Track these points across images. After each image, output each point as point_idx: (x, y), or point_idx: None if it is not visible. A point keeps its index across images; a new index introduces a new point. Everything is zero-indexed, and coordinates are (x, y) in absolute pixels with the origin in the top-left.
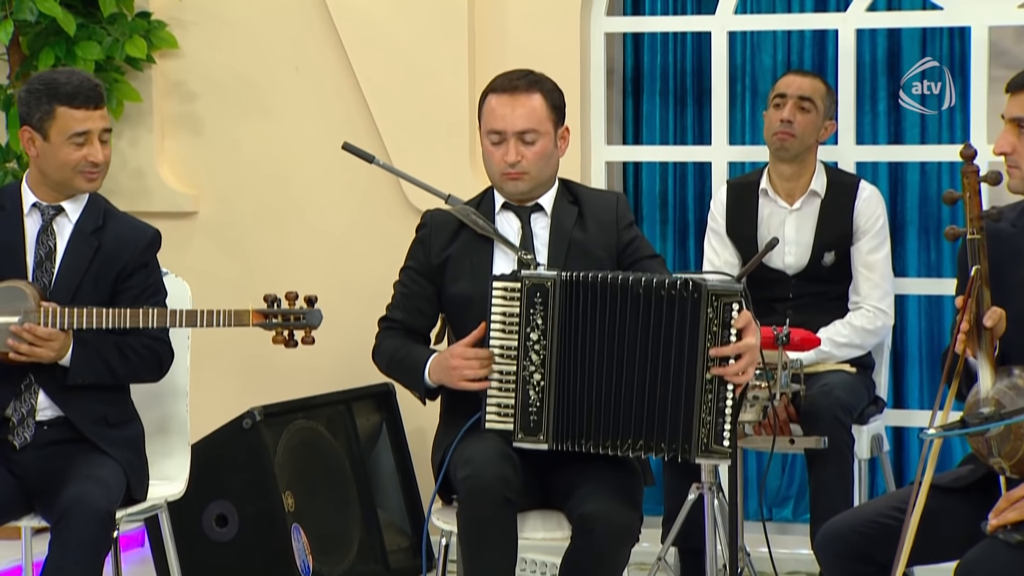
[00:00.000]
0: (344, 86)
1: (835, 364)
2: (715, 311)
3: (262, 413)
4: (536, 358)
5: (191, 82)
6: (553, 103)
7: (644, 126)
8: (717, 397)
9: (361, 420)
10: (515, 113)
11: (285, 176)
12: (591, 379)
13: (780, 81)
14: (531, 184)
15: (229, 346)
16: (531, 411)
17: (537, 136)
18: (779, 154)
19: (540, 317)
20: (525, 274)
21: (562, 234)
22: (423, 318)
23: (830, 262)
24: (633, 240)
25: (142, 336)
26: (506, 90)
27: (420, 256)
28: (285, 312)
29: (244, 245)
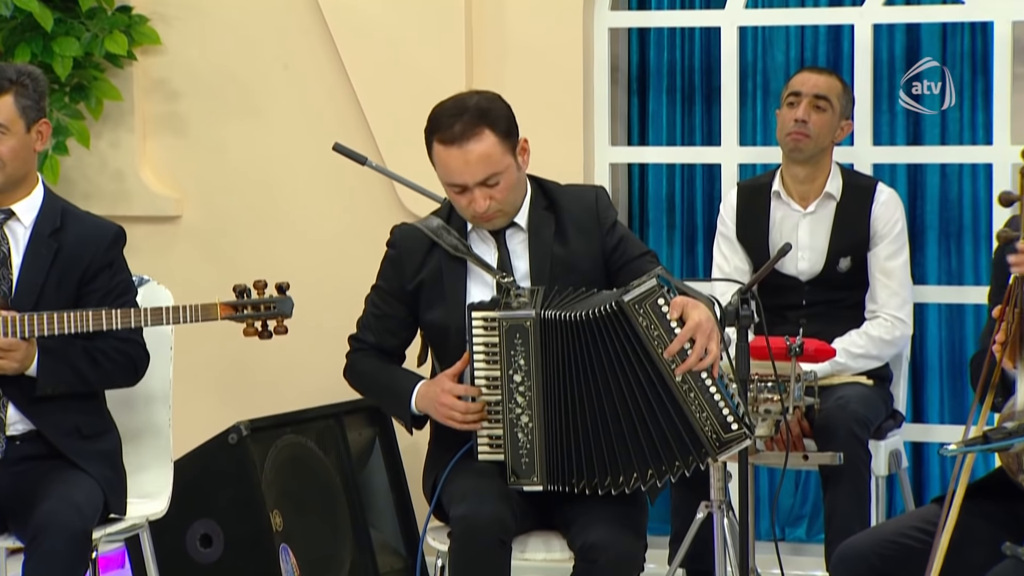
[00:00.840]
0: (335, 84)
1: (851, 376)
2: (647, 317)
3: (248, 427)
4: (522, 400)
5: (174, 80)
6: (504, 131)
7: (650, 126)
8: (699, 391)
9: (353, 435)
10: (470, 164)
11: (273, 179)
12: (577, 417)
13: (794, 78)
14: (507, 217)
15: (213, 356)
16: (522, 453)
17: (499, 176)
18: (793, 155)
19: (522, 358)
20: (501, 316)
21: (543, 251)
22: (396, 340)
23: (846, 268)
24: (619, 242)
25: (112, 339)
26: (452, 140)
27: (392, 278)
28: (255, 302)
29: (230, 251)
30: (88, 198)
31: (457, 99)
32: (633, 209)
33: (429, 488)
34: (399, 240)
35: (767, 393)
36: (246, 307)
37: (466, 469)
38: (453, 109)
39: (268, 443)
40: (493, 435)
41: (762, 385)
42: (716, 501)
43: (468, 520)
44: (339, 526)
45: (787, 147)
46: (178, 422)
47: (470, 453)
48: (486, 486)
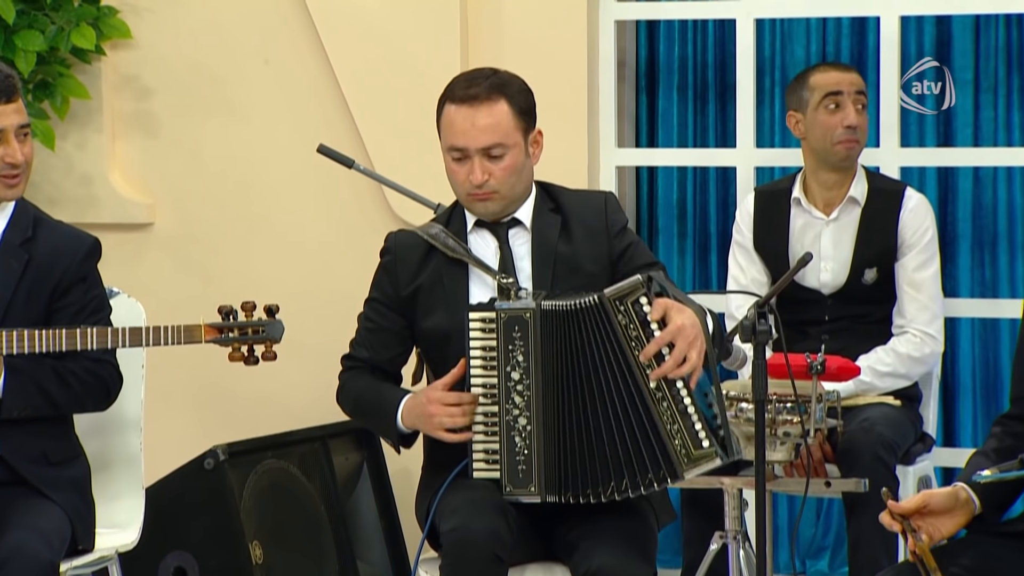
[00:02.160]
0: (320, 80)
1: (877, 396)
2: (625, 315)
3: (226, 452)
4: (519, 400)
5: (146, 76)
6: (520, 108)
7: (660, 126)
8: (672, 400)
9: (339, 459)
10: (477, 126)
11: (253, 183)
12: (577, 419)
13: (821, 76)
14: (502, 203)
15: (189, 375)
16: (519, 459)
17: (505, 150)
18: (843, 164)
19: (520, 353)
20: (500, 306)
21: (546, 250)
22: (392, 355)
23: (871, 280)
24: (628, 247)
25: (83, 359)
26: (465, 99)
27: (386, 287)
28: (242, 325)
29: (206, 261)
30: (53, 204)
31: (479, 69)
32: (641, 216)
33: (423, 514)
34: (393, 246)
35: (786, 415)
36: (232, 330)
37: (459, 485)
38: (474, 74)
39: (247, 469)
40: (489, 449)
41: (781, 406)
42: (731, 531)
43: (460, 534)
44: (324, 558)
45: (836, 156)
46: (150, 446)
47: (465, 472)
48: (479, 498)
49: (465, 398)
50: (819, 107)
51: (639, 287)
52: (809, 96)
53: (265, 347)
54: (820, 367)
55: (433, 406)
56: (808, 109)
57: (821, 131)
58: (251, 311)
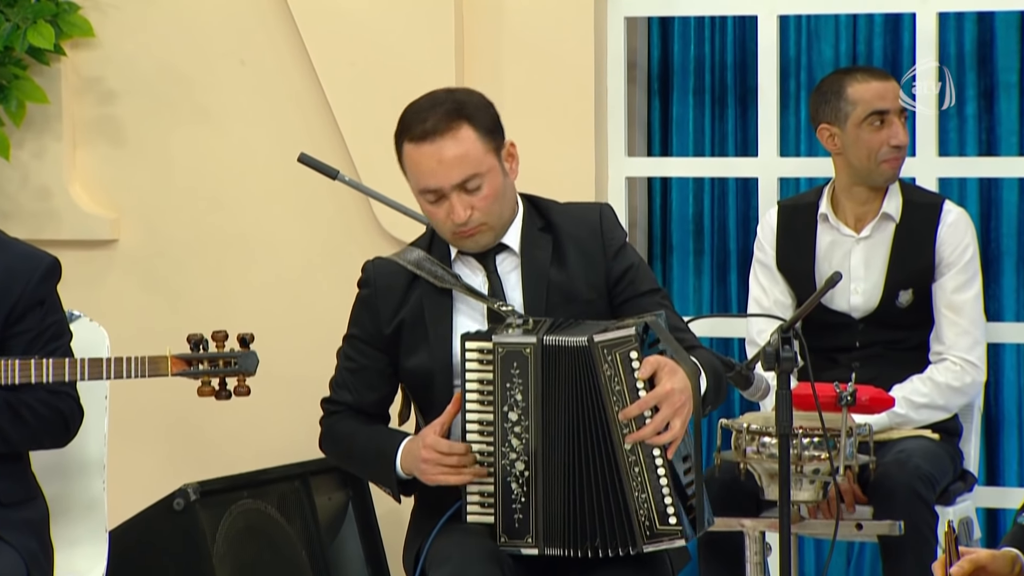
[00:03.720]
0: (301, 84)
1: (913, 430)
2: (612, 366)
3: (197, 491)
4: (517, 443)
5: (110, 79)
6: (486, 127)
7: (674, 133)
8: (646, 468)
9: (321, 500)
10: (445, 162)
11: (227, 196)
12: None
13: (862, 89)
14: (492, 234)
15: (157, 407)
16: (515, 508)
17: (481, 179)
18: (889, 183)
19: (519, 392)
20: (497, 340)
21: (537, 276)
22: (376, 395)
23: (906, 303)
24: (626, 272)
25: (39, 390)
26: (424, 136)
27: (366, 323)
28: (212, 356)
29: (175, 282)
30: (7, 219)
31: (429, 95)
32: (654, 231)
33: (411, 561)
34: (372, 277)
35: (813, 450)
36: (202, 362)
37: (451, 530)
38: (425, 104)
39: (221, 509)
40: (485, 492)
41: (807, 441)
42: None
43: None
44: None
45: (881, 176)
46: (114, 485)
47: (458, 515)
48: (473, 546)
49: (457, 448)
50: (863, 124)
51: (631, 340)
52: (850, 110)
53: (238, 381)
54: (850, 398)
55: (426, 452)
56: (848, 124)
57: (865, 150)
58: (223, 341)
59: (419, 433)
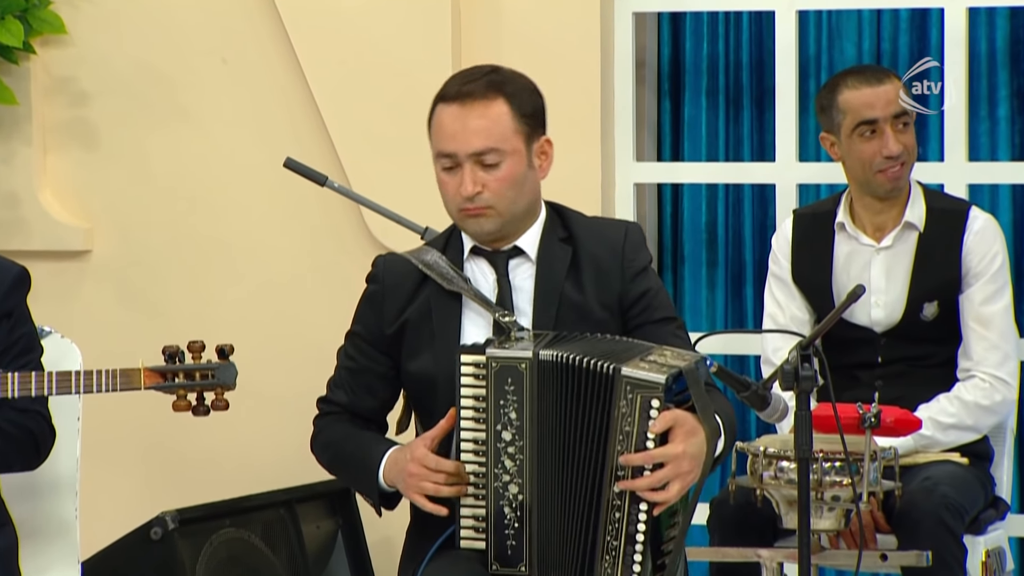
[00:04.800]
0: (287, 84)
1: (940, 453)
2: (629, 405)
3: (176, 519)
4: (511, 464)
5: (83, 78)
6: (523, 110)
7: (686, 137)
8: (626, 518)
9: (309, 528)
10: (468, 128)
11: (208, 203)
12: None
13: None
14: (498, 221)
15: (133, 428)
16: (508, 533)
17: (500, 156)
18: (891, 195)
19: (513, 410)
20: (492, 353)
21: (551, 288)
22: (375, 400)
23: (931, 316)
24: (643, 296)
25: (7, 408)
26: (457, 97)
27: (370, 321)
28: (188, 368)
29: (153, 296)
30: None
31: (481, 66)
32: (664, 241)
33: None
34: (382, 273)
35: (834, 475)
36: (177, 375)
37: (444, 557)
38: (472, 70)
39: (201, 539)
40: (478, 515)
41: (828, 466)
42: None
43: None
44: None
45: (882, 187)
46: (87, 512)
47: (452, 541)
48: (465, 573)
49: (445, 466)
50: (853, 134)
51: (658, 388)
52: (841, 120)
53: (216, 394)
54: (874, 419)
55: (413, 465)
56: (841, 134)
57: (858, 161)
58: (199, 352)
59: (408, 444)
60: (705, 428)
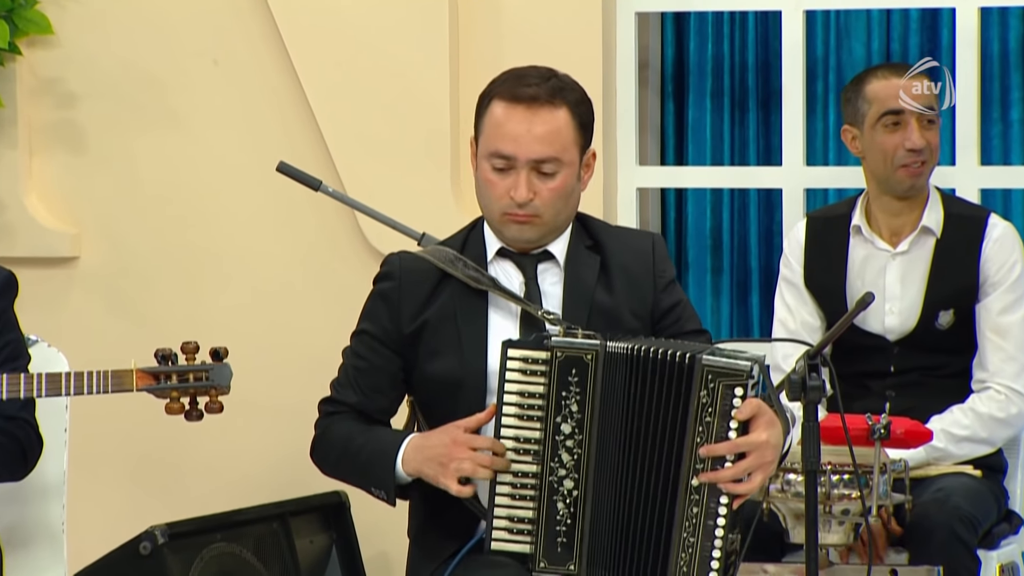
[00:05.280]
0: (280, 86)
1: (952, 466)
2: (710, 395)
3: (166, 533)
4: (568, 458)
5: (70, 79)
6: (581, 120)
7: (690, 140)
8: (704, 512)
9: (302, 543)
10: (533, 133)
11: (199, 209)
12: (625, 481)
13: (879, 86)
14: (542, 231)
15: (122, 437)
16: (559, 530)
17: (559, 167)
18: (908, 192)
19: (575, 403)
20: (556, 342)
21: (581, 294)
22: (385, 401)
23: (947, 325)
24: (675, 307)
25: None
26: (522, 99)
27: (384, 319)
28: (182, 370)
29: (142, 304)
30: None
31: (534, 67)
32: (668, 248)
33: None
34: (398, 271)
35: (843, 488)
36: (170, 376)
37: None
38: (530, 71)
39: (192, 553)
40: (516, 516)
41: (837, 478)
42: None
43: None
44: None
45: (900, 184)
46: (74, 525)
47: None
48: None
49: (498, 446)
50: (877, 124)
51: (742, 375)
52: (866, 110)
53: (210, 397)
54: (884, 431)
55: (458, 448)
56: (865, 125)
57: (880, 153)
58: (193, 354)
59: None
60: (780, 419)
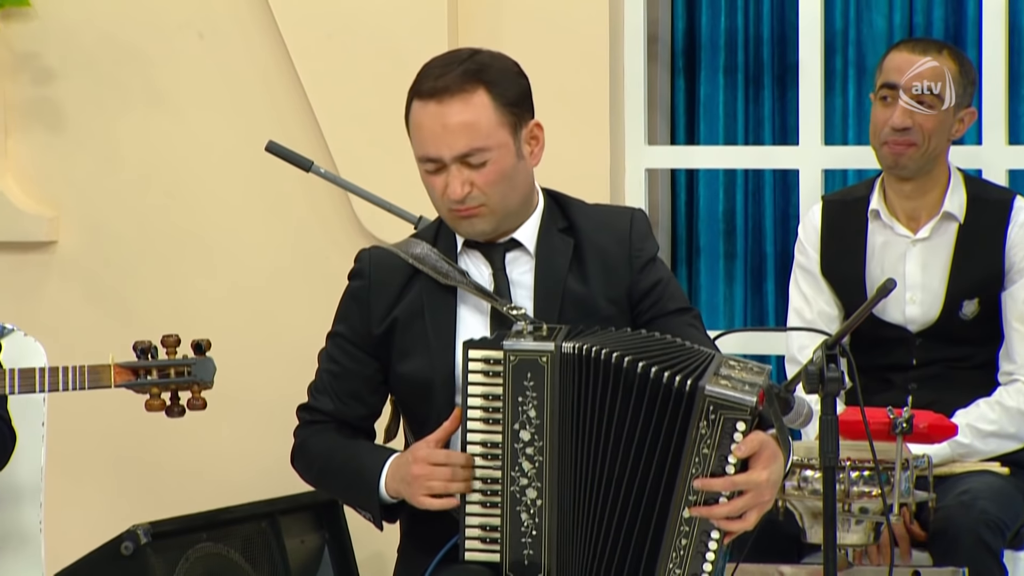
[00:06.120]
0: (270, 61)
1: (978, 463)
2: (710, 427)
3: (149, 533)
4: (528, 467)
5: (48, 55)
6: (506, 98)
7: (701, 118)
8: (694, 544)
9: (292, 543)
10: (448, 128)
11: (183, 191)
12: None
13: (888, 59)
14: (492, 219)
15: (103, 433)
16: (525, 542)
17: (486, 155)
18: (893, 172)
19: (532, 407)
20: (509, 345)
21: (552, 283)
22: (363, 407)
23: (971, 314)
24: (654, 287)
25: None
26: (432, 94)
27: (355, 320)
28: (162, 364)
29: (123, 291)
30: None
31: (453, 51)
32: (678, 232)
33: None
34: (368, 267)
35: (863, 486)
36: (150, 371)
37: (446, 571)
38: (444, 59)
39: (176, 554)
40: (487, 525)
41: (856, 475)
42: None
43: None
44: None
45: (885, 161)
46: (53, 525)
47: (454, 553)
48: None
49: (456, 458)
50: (876, 97)
51: (746, 411)
52: (877, 79)
53: (192, 392)
54: (907, 424)
55: (418, 466)
56: (875, 96)
57: (872, 126)
58: (174, 347)
59: (409, 448)
60: (783, 452)
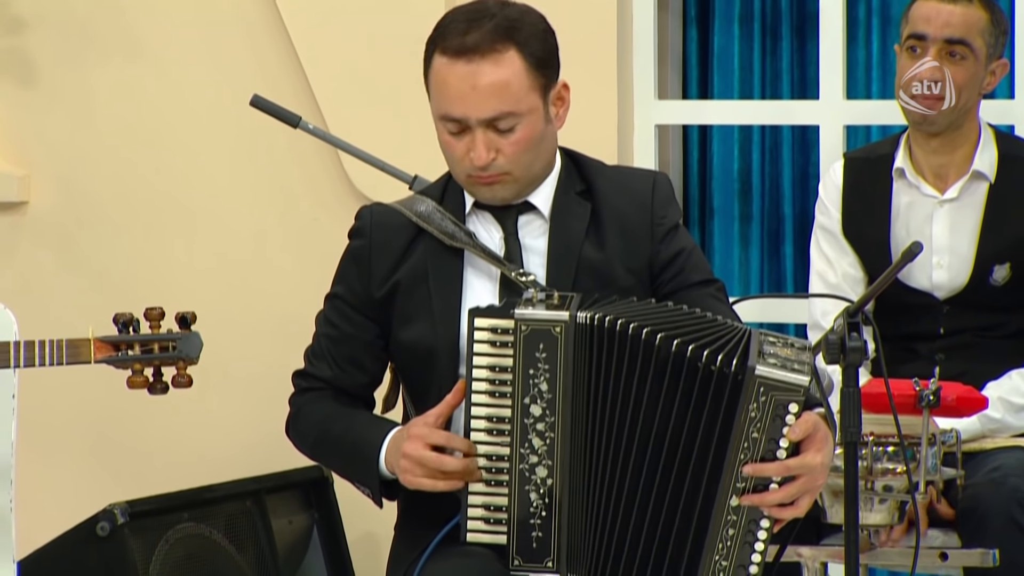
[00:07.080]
0: (254, 12)
1: (1010, 438)
2: (760, 409)
3: (127, 512)
4: (539, 443)
5: (18, 3)
6: (537, 57)
7: (715, 72)
8: (742, 534)
9: (279, 523)
10: (478, 90)
11: (163, 149)
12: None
13: (914, 8)
14: (515, 187)
15: (78, 409)
16: (533, 524)
17: (516, 120)
18: (920, 128)
19: (544, 381)
20: (519, 315)
21: (567, 250)
22: (362, 374)
23: (1002, 280)
24: (676, 257)
25: None
26: (461, 51)
27: (355, 282)
28: (145, 339)
29: (98, 256)
30: None
31: (479, 3)
32: (690, 192)
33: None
34: (368, 227)
35: (887, 462)
36: (132, 346)
37: (447, 554)
38: (471, 13)
39: (156, 535)
40: (492, 505)
41: (880, 450)
42: None
43: None
44: None
45: (911, 116)
46: (24, 504)
47: (455, 534)
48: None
49: (456, 442)
50: (902, 49)
51: (800, 392)
52: (903, 30)
53: (177, 368)
54: (934, 397)
55: (412, 444)
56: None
57: (897, 80)
58: (158, 321)
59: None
60: (833, 434)
